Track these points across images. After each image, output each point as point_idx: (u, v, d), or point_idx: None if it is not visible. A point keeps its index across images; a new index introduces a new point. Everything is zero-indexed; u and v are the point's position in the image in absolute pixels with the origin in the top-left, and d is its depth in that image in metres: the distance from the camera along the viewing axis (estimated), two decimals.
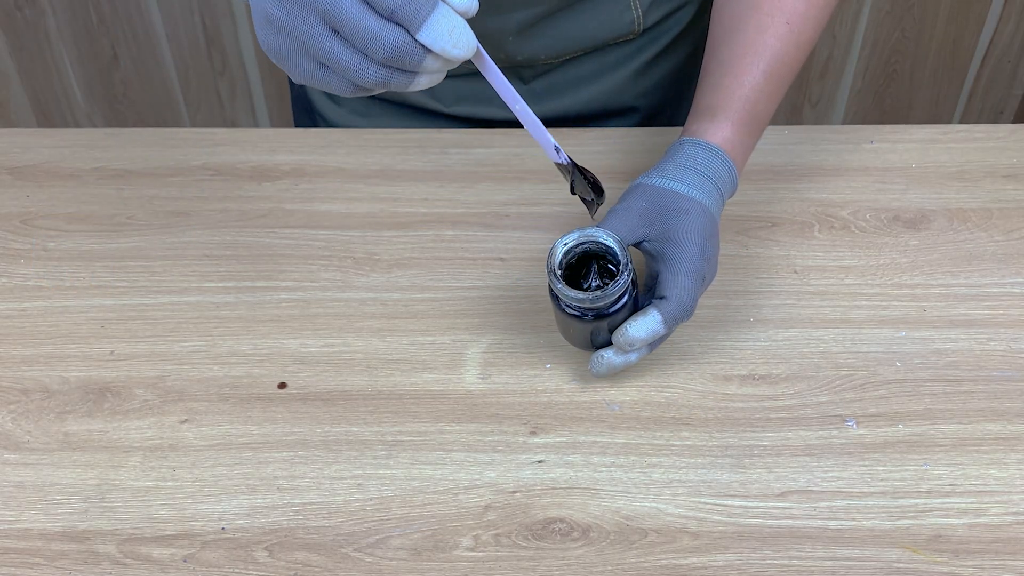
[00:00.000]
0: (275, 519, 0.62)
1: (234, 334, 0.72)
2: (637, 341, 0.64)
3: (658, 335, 0.65)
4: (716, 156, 0.69)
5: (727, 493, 0.63)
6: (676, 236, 0.65)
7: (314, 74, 0.52)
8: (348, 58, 0.50)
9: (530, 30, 0.84)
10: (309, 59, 0.52)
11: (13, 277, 0.76)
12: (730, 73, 0.71)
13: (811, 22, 0.73)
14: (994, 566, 0.60)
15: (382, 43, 0.49)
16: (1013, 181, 0.83)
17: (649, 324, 0.64)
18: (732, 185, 0.70)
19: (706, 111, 0.71)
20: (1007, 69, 1.86)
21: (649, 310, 0.64)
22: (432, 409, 0.68)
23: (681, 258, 0.65)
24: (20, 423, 0.67)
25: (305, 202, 0.82)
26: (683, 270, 0.65)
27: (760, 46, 0.71)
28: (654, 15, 0.89)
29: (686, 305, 0.65)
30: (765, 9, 0.72)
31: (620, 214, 0.67)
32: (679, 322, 0.65)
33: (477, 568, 0.60)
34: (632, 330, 0.64)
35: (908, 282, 0.75)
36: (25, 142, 0.87)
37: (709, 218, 0.67)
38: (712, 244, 0.67)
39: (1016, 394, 0.68)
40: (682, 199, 0.66)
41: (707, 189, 0.67)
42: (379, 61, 0.50)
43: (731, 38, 0.73)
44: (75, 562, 0.60)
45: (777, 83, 0.72)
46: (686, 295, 0.64)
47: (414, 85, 0.52)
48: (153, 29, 1.71)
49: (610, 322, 0.64)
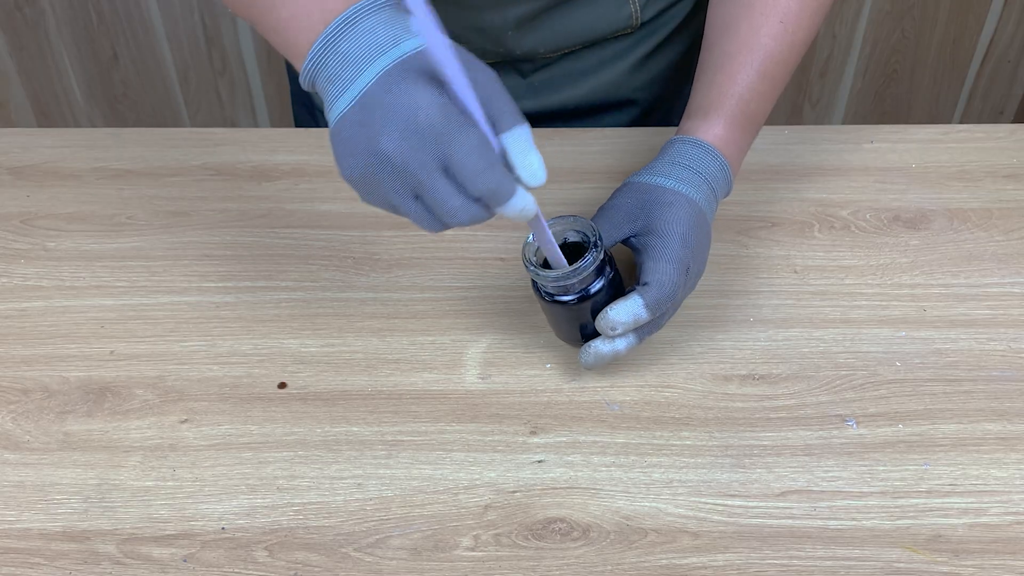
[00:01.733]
0: (275, 519, 0.62)
1: (234, 334, 0.72)
2: (619, 324, 0.64)
3: (641, 320, 0.65)
4: (707, 153, 0.69)
5: (727, 493, 0.63)
6: (658, 227, 0.66)
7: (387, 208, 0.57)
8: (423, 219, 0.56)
9: (529, 24, 0.84)
10: (385, 204, 0.57)
11: (13, 277, 0.76)
12: (723, 72, 0.72)
13: (805, 21, 0.73)
14: (994, 566, 0.60)
15: (457, 219, 0.55)
16: (1013, 181, 0.83)
17: (630, 307, 0.64)
18: (726, 182, 0.70)
19: (699, 110, 0.71)
20: (1007, 69, 1.86)
21: (631, 295, 0.65)
22: (432, 409, 0.68)
23: (663, 247, 0.65)
24: (20, 423, 0.67)
25: (305, 202, 0.82)
26: (664, 257, 0.65)
27: (754, 45, 0.72)
28: (651, 10, 0.89)
29: (667, 290, 0.65)
30: (759, 8, 0.72)
31: (606, 212, 0.68)
32: (662, 308, 0.65)
33: (477, 568, 0.60)
34: (613, 313, 0.64)
35: (908, 282, 0.75)
36: (25, 142, 0.87)
37: (695, 210, 0.67)
38: (697, 235, 0.66)
39: (1016, 394, 0.68)
40: (666, 192, 0.67)
41: (695, 183, 0.68)
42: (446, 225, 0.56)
43: (725, 37, 0.73)
44: (75, 562, 0.60)
45: (771, 82, 0.72)
46: (667, 279, 0.65)
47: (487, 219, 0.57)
48: (153, 29, 1.72)
49: (593, 304, 0.64)
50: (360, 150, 0.54)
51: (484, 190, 0.53)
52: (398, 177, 0.54)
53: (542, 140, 0.84)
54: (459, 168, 0.53)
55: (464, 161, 0.53)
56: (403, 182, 0.54)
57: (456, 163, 0.53)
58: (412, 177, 0.54)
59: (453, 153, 0.52)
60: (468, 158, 0.52)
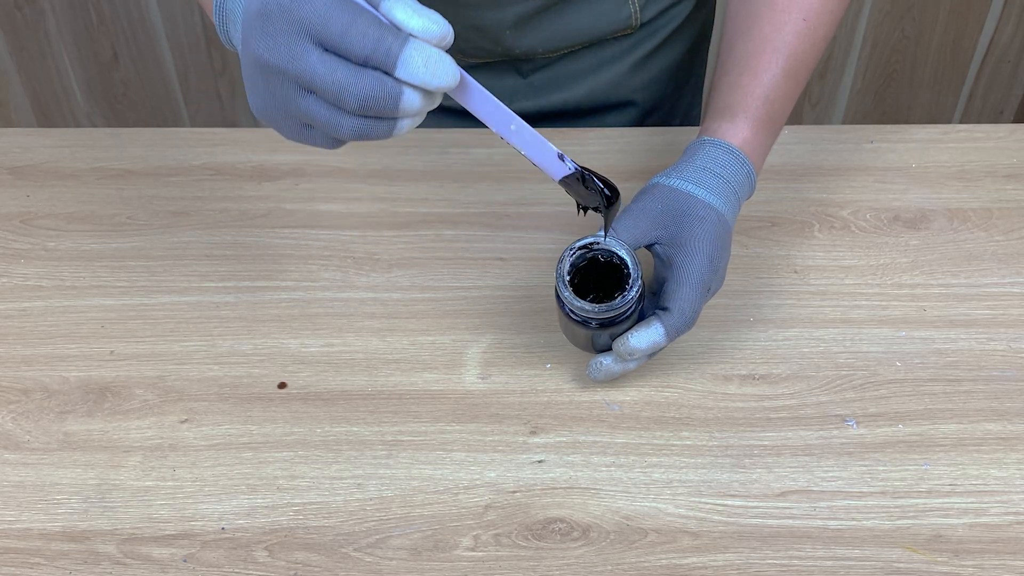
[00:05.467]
0: (275, 519, 0.62)
1: (234, 334, 0.72)
2: (637, 351, 0.64)
3: (659, 347, 0.65)
4: (736, 158, 0.68)
5: (727, 493, 0.63)
6: (687, 243, 0.65)
7: (299, 133, 0.53)
8: (323, 114, 0.50)
9: (527, 23, 0.84)
10: (291, 120, 0.52)
11: (13, 277, 0.76)
12: (748, 71, 0.71)
13: (826, 18, 0.72)
14: (994, 566, 0.60)
15: (352, 93, 0.49)
16: (1013, 181, 0.83)
17: (651, 335, 0.64)
18: (750, 188, 0.70)
19: (725, 110, 0.70)
20: (1007, 69, 1.86)
21: (652, 321, 0.64)
22: (432, 409, 0.68)
23: (689, 267, 0.64)
24: (20, 423, 0.67)
25: (305, 202, 0.82)
26: (689, 281, 0.64)
27: (778, 43, 0.70)
28: (651, 10, 0.89)
29: (688, 317, 0.64)
30: (781, 6, 0.71)
31: (634, 215, 0.66)
32: (681, 334, 0.65)
33: (477, 568, 0.60)
34: (633, 340, 0.64)
35: (908, 282, 0.75)
36: (25, 142, 0.87)
37: (723, 226, 0.66)
38: (722, 254, 0.66)
39: (1016, 394, 0.68)
40: (699, 204, 0.66)
41: (725, 194, 0.67)
42: (353, 112, 0.50)
43: (747, 36, 0.72)
44: (75, 562, 0.60)
45: (795, 81, 0.71)
46: (689, 307, 0.64)
47: (396, 132, 0.52)
48: (153, 29, 1.72)
49: (613, 331, 0.64)
50: (248, 73, 0.52)
51: (362, 46, 0.48)
52: (277, 74, 0.50)
53: None
54: (325, 33, 0.48)
55: (328, 24, 0.48)
56: (285, 78, 0.50)
57: (319, 29, 0.48)
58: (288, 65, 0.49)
59: (313, 21, 0.48)
60: (331, 19, 0.48)
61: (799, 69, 0.71)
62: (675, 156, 0.72)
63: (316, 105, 0.50)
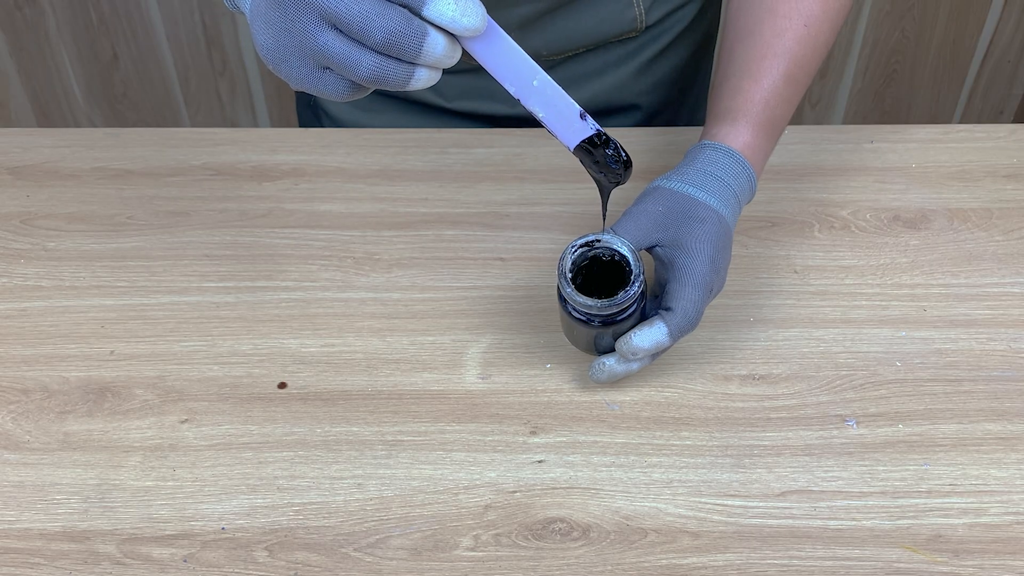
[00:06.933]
0: (275, 519, 0.62)
1: (234, 334, 0.72)
2: (640, 351, 0.64)
3: (662, 347, 0.65)
4: (737, 162, 0.68)
5: (727, 493, 0.63)
6: (689, 244, 0.65)
7: (311, 76, 0.52)
8: (342, 50, 0.49)
9: (532, 26, 0.84)
10: (305, 59, 0.51)
11: (13, 277, 0.76)
12: (749, 76, 0.71)
13: (827, 24, 0.72)
14: (994, 566, 0.60)
15: (378, 25, 0.48)
16: (1013, 181, 0.83)
17: (654, 335, 0.64)
18: (751, 192, 0.70)
19: (726, 114, 0.70)
20: (1007, 69, 1.86)
21: (655, 321, 0.64)
22: (432, 409, 0.68)
23: (691, 269, 0.64)
24: (20, 423, 0.67)
25: (305, 202, 0.82)
26: (691, 282, 0.64)
27: (779, 49, 0.71)
28: (656, 13, 0.89)
29: (692, 317, 0.64)
30: (782, 12, 0.71)
31: (635, 217, 0.66)
32: (684, 334, 0.65)
33: (477, 568, 0.60)
34: (636, 340, 0.64)
35: (908, 282, 0.75)
36: (25, 142, 0.87)
37: (724, 228, 0.66)
38: (723, 256, 0.66)
39: (1016, 394, 0.68)
40: (700, 206, 0.66)
41: (726, 197, 0.67)
42: (375, 46, 0.49)
43: (748, 41, 0.72)
44: (75, 562, 0.60)
45: (796, 86, 0.72)
46: (692, 307, 0.64)
47: (413, 81, 0.51)
48: (153, 29, 1.72)
49: (615, 329, 0.64)
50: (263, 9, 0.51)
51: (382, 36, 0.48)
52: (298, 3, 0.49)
53: (546, 140, 0.85)
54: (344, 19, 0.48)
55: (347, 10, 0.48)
56: (307, 7, 0.49)
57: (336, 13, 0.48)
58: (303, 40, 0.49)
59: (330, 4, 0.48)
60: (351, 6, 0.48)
61: (800, 74, 0.72)
62: (677, 157, 0.72)
63: (336, 40, 0.49)
